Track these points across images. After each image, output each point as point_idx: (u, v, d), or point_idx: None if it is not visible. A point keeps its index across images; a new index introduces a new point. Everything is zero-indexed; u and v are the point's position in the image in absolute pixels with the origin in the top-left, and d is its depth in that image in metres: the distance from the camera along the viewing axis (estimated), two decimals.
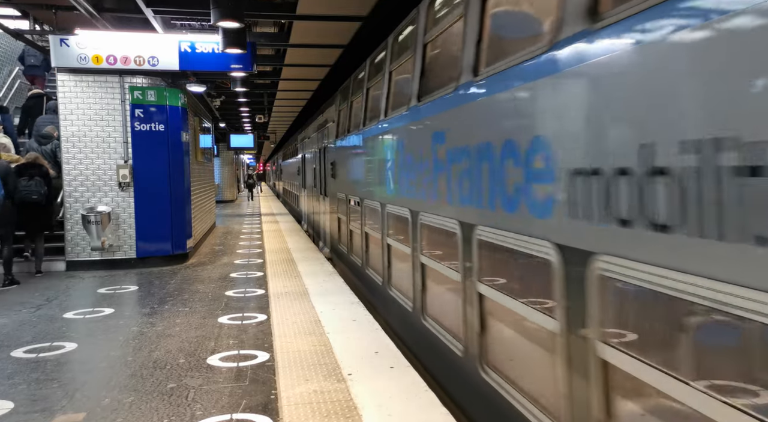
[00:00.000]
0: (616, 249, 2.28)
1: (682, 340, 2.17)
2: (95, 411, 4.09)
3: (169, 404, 4.19)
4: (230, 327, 6.22)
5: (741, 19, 1.68)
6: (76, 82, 9.93)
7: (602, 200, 2.35)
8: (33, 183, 9.04)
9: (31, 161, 9.31)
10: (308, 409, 3.90)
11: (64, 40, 9.67)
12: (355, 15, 9.67)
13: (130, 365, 5.07)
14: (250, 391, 4.39)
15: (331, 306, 6.79)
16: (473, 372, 3.93)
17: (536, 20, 3.25)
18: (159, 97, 10.25)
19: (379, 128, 6.75)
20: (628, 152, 2.16)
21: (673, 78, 1.98)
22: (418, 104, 5.13)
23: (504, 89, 3.34)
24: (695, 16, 1.86)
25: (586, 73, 2.50)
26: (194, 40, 10.26)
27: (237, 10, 7.75)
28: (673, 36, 1.95)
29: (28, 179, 9.04)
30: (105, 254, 10.01)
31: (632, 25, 2.17)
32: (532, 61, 2.92)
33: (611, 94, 2.35)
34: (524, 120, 3.08)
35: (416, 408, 3.86)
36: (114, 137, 10.07)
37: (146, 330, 6.21)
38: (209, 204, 15.86)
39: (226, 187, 30.99)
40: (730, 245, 1.72)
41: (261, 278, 8.92)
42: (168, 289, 8.36)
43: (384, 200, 6.56)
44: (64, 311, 7.06)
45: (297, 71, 14.66)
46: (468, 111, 3.93)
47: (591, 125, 2.48)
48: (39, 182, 9.11)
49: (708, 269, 1.80)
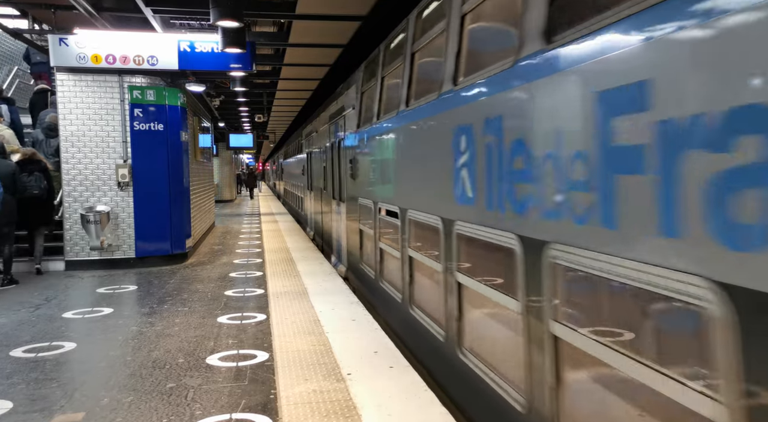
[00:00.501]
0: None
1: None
2: (94, 410, 4.08)
3: (168, 404, 4.19)
4: (229, 327, 6.22)
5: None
6: (75, 82, 9.92)
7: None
8: (33, 178, 9.19)
9: (29, 157, 9.39)
10: (307, 409, 3.90)
11: (63, 39, 9.66)
12: (354, 14, 9.67)
13: (129, 364, 5.07)
14: (250, 391, 4.38)
15: (330, 306, 6.79)
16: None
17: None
18: (158, 97, 10.24)
19: (460, 98, 4.14)
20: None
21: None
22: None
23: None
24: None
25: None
26: (193, 40, 10.25)
27: (236, 10, 7.75)
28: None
29: (27, 174, 9.19)
30: (104, 254, 10.01)
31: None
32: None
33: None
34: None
35: (416, 408, 3.86)
36: (113, 136, 10.06)
37: (145, 329, 6.20)
38: (208, 204, 15.85)
39: (225, 187, 30.99)
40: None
41: (260, 278, 8.91)
42: (167, 289, 8.36)
43: (454, 216, 4.27)
44: (63, 311, 7.05)
45: (296, 71, 14.66)
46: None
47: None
48: (39, 177, 9.27)
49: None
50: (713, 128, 1.80)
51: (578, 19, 2.66)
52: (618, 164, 2.27)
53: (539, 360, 3.01)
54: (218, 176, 27.30)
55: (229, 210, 25.24)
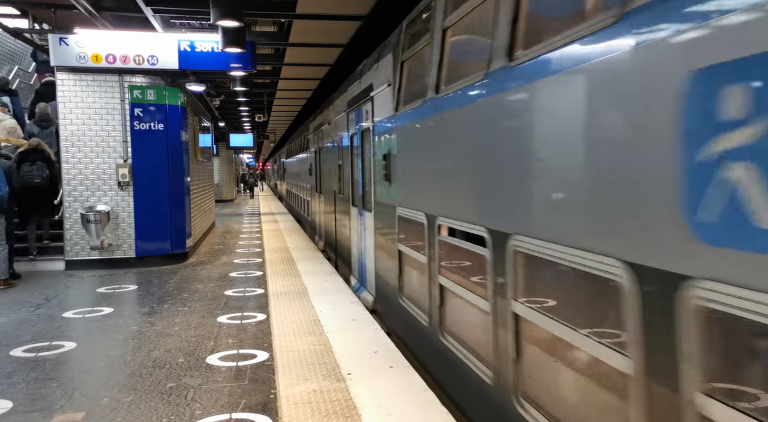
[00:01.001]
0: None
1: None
2: (94, 410, 4.08)
3: (168, 403, 4.19)
4: (229, 327, 6.22)
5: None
6: (75, 82, 9.92)
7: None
8: (35, 167, 9.34)
9: (33, 147, 9.54)
10: (307, 409, 3.89)
11: (63, 38, 9.66)
12: (354, 14, 9.67)
13: (129, 364, 5.06)
14: (250, 390, 4.38)
15: (330, 306, 6.79)
16: None
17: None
18: (158, 97, 10.24)
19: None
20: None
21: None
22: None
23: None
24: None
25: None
26: (194, 39, 10.25)
27: (236, 9, 7.75)
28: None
29: (30, 164, 9.33)
30: (104, 254, 10.01)
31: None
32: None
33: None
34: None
35: (415, 408, 3.86)
36: (113, 136, 10.06)
37: (145, 329, 6.20)
38: (209, 203, 15.85)
39: (225, 186, 30.99)
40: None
41: (260, 278, 8.91)
42: (167, 288, 8.36)
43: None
44: (63, 311, 7.05)
45: (297, 70, 14.67)
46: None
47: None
48: (41, 166, 9.41)
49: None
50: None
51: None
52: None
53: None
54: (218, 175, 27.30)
55: (229, 210, 25.24)
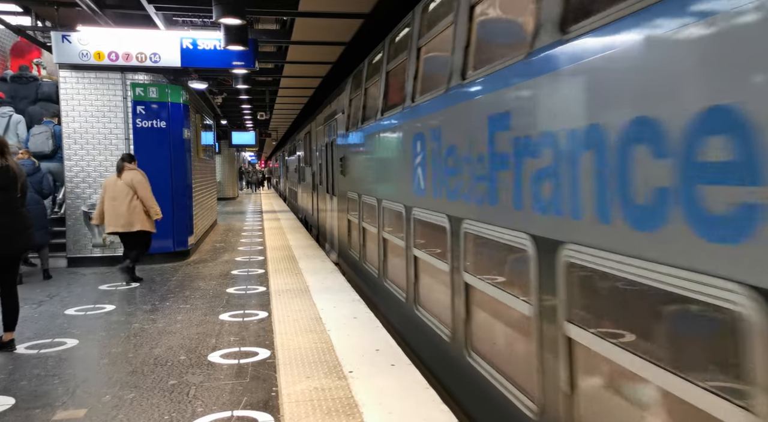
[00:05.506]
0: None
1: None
2: (96, 407, 4.09)
3: (170, 401, 4.19)
4: (231, 324, 6.22)
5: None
6: (77, 79, 9.93)
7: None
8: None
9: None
10: (309, 406, 3.90)
11: (65, 36, 9.67)
12: (357, 12, 9.66)
13: (131, 361, 5.07)
14: (251, 388, 4.39)
15: (332, 304, 6.79)
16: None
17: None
18: (161, 94, 10.24)
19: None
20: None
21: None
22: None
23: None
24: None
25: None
26: (196, 37, 10.24)
27: (239, 7, 7.75)
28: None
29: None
30: (106, 251, 10.02)
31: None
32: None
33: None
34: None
35: (417, 406, 3.86)
36: (116, 133, 10.07)
37: (147, 326, 6.21)
38: (211, 201, 15.86)
39: (227, 184, 31.01)
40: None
41: (262, 276, 8.92)
42: (169, 286, 8.37)
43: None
44: (65, 308, 7.06)
45: (299, 68, 14.66)
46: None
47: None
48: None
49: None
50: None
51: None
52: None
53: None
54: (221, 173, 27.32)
55: (231, 208, 25.26)
